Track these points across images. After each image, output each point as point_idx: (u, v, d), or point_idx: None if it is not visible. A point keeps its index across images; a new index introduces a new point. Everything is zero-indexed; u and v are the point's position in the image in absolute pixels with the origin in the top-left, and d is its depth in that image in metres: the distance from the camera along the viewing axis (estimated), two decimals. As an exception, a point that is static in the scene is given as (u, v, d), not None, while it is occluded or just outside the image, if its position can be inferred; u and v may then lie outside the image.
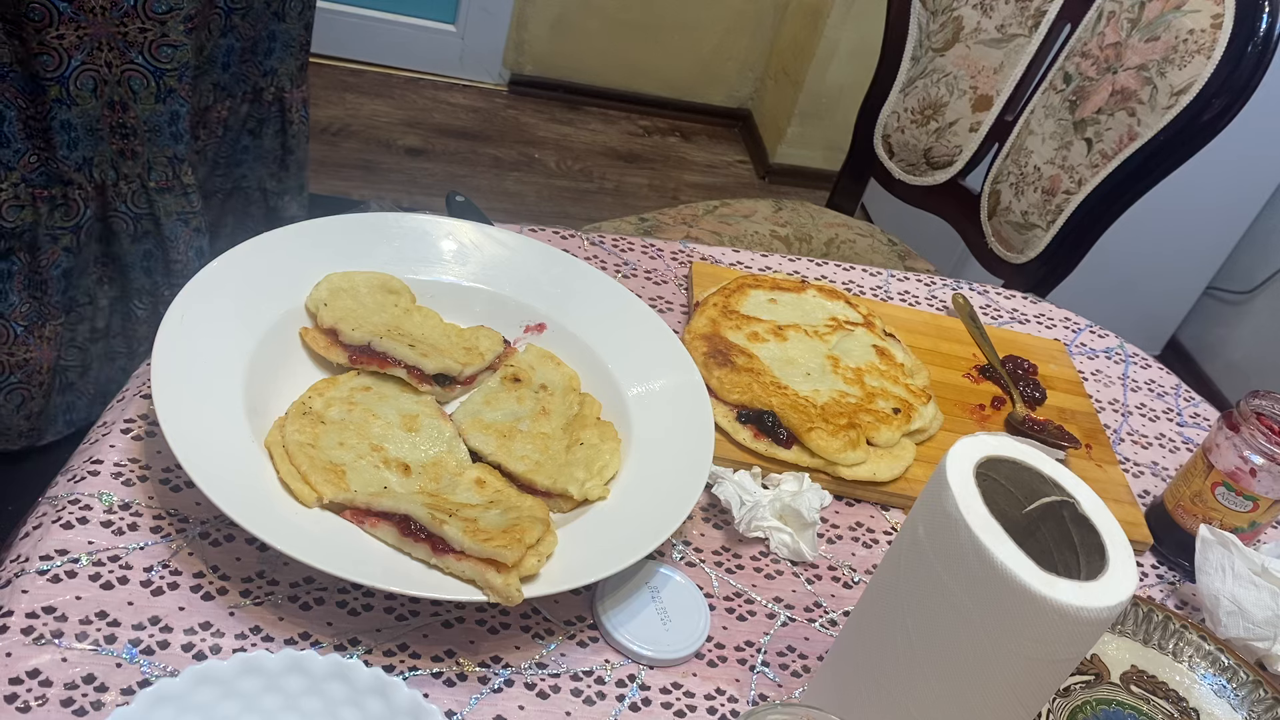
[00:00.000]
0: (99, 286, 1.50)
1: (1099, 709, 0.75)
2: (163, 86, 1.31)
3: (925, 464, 0.90)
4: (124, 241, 1.46)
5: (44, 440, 1.56)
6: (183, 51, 1.29)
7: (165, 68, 1.28)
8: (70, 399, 1.56)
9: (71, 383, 1.55)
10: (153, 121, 1.34)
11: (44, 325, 1.44)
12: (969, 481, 0.57)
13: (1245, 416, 0.85)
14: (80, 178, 1.36)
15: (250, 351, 0.76)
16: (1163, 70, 1.28)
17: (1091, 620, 0.53)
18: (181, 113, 1.36)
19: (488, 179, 2.69)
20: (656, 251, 1.09)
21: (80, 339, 1.52)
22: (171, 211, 1.45)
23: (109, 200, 1.41)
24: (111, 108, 1.30)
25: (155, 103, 1.32)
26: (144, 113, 1.33)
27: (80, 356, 1.53)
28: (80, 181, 1.36)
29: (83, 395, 1.57)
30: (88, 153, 1.34)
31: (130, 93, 1.29)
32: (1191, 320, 2.74)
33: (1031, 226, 1.44)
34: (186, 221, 1.48)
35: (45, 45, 1.22)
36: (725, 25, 3.03)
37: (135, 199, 1.42)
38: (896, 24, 1.55)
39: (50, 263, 1.39)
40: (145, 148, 1.36)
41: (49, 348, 1.46)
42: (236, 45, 1.49)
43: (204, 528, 0.68)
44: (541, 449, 0.78)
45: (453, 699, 0.64)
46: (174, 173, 1.42)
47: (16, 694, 0.57)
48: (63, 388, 1.54)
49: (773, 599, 0.77)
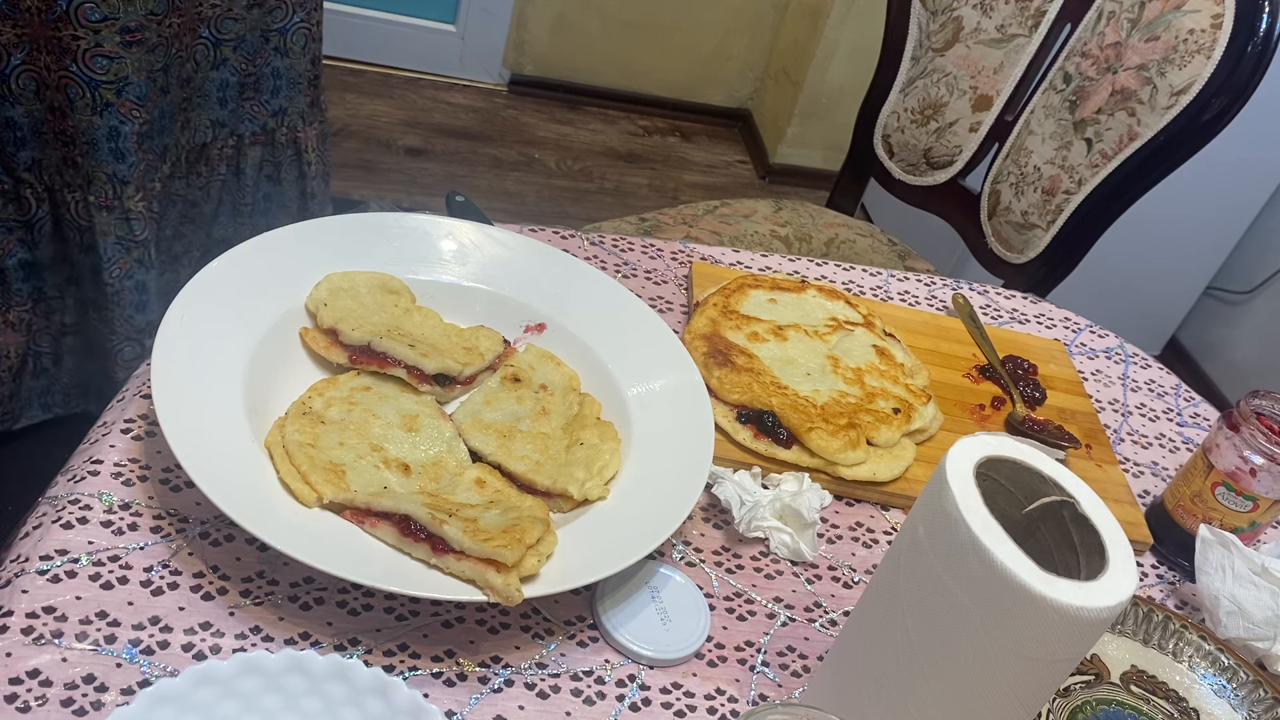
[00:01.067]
0: (66, 286, 1.48)
1: (1099, 709, 0.75)
2: (98, 99, 1.26)
3: (925, 464, 0.90)
4: (73, 250, 1.42)
5: (18, 424, 1.55)
6: (120, 65, 1.24)
7: (100, 79, 1.24)
8: (45, 383, 1.55)
9: (45, 368, 1.54)
10: (90, 134, 1.30)
11: (7, 311, 1.42)
12: (969, 481, 0.57)
13: (1245, 416, 0.85)
14: (30, 177, 1.33)
15: (250, 351, 0.76)
16: (1163, 70, 1.28)
17: (1091, 620, 0.53)
18: (124, 130, 1.31)
19: (488, 179, 2.69)
20: (656, 251, 1.09)
21: (53, 328, 1.51)
22: (108, 233, 1.40)
23: (58, 205, 1.38)
24: (53, 113, 1.27)
25: (91, 114, 1.28)
26: (80, 123, 1.28)
27: (53, 345, 1.52)
28: (31, 181, 1.34)
29: (57, 382, 1.57)
30: (35, 153, 1.31)
31: (67, 100, 1.25)
32: (1191, 320, 2.74)
33: (1031, 226, 1.44)
34: (126, 250, 1.42)
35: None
36: (725, 25, 3.03)
37: (79, 209, 1.38)
38: (896, 24, 1.55)
39: (5, 252, 1.37)
40: (84, 159, 1.32)
41: (15, 333, 1.45)
42: (232, 80, 1.46)
43: (204, 528, 0.68)
44: (541, 449, 0.78)
45: (453, 699, 0.64)
46: (114, 192, 1.36)
47: (16, 694, 0.57)
48: (36, 372, 1.53)
49: (773, 599, 0.77)
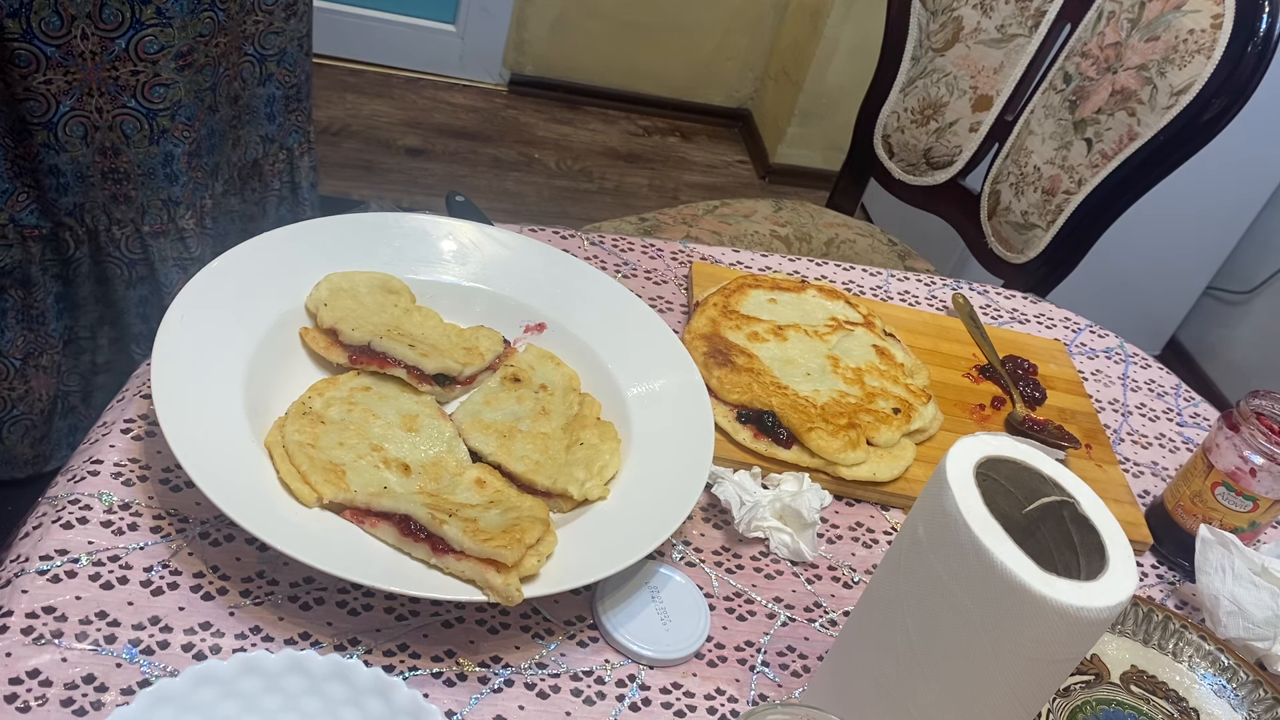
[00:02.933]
0: (99, 326, 1.47)
1: (1099, 709, 0.75)
2: (155, 128, 1.26)
3: (925, 464, 0.90)
4: (119, 287, 1.42)
5: (49, 466, 1.54)
6: (175, 90, 1.24)
7: (158, 108, 1.24)
8: (73, 422, 1.55)
9: (73, 407, 1.54)
10: (146, 165, 1.30)
11: (40, 355, 1.42)
12: (969, 481, 0.57)
13: (1245, 416, 0.85)
14: (71, 221, 1.32)
15: (250, 351, 0.76)
16: (1163, 70, 1.28)
17: (1091, 620, 0.53)
18: (176, 153, 1.31)
19: (488, 179, 2.69)
20: (656, 251, 1.09)
21: (83, 368, 1.50)
22: (167, 257, 1.40)
23: (102, 245, 1.37)
24: (103, 154, 1.26)
25: (149, 145, 1.28)
26: (137, 156, 1.28)
27: (82, 384, 1.52)
28: (71, 225, 1.33)
29: (84, 419, 1.56)
30: (78, 198, 1.30)
31: (123, 137, 1.25)
32: (1191, 320, 2.74)
33: (1031, 226, 1.44)
34: (184, 268, 1.43)
35: (31, 90, 1.19)
36: (725, 25, 3.03)
37: (129, 244, 1.38)
38: (896, 24, 1.55)
39: (45, 294, 1.37)
40: (139, 192, 1.31)
41: (46, 376, 1.45)
42: (278, 94, 1.43)
43: (204, 528, 0.68)
44: (541, 449, 0.78)
45: (453, 699, 0.64)
46: (169, 216, 1.37)
47: (16, 694, 0.57)
48: (65, 411, 1.53)
49: (773, 599, 0.77)
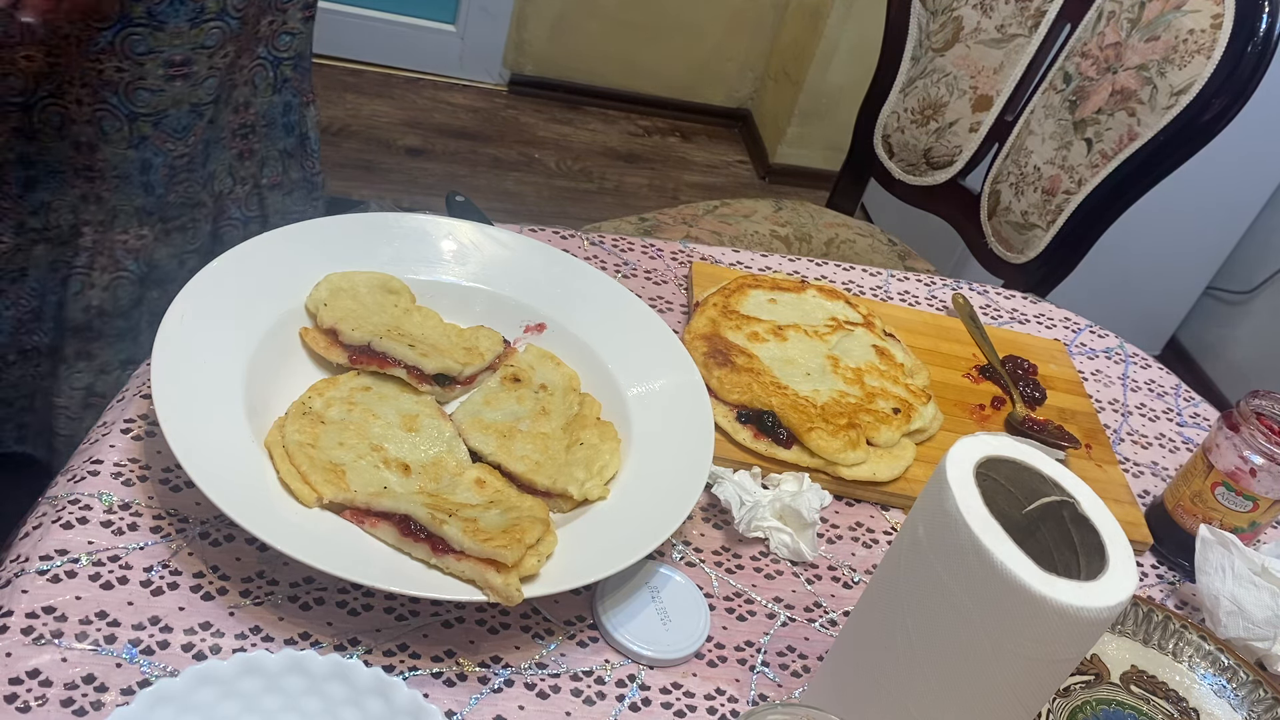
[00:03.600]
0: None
1: (1099, 709, 0.75)
2: (135, 131, 1.20)
3: (925, 464, 0.90)
4: None
5: None
6: (161, 97, 1.19)
7: (140, 111, 1.19)
8: None
9: None
10: (122, 168, 1.23)
11: None
12: (969, 481, 0.57)
13: (1245, 416, 0.85)
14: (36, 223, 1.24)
15: (250, 351, 0.76)
16: (1163, 70, 1.28)
17: (1091, 620, 0.53)
18: (156, 163, 1.25)
19: (488, 179, 2.69)
20: (656, 251, 1.09)
21: None
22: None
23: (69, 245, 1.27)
24: (78, 149, 1.20)
25: (126, 148, 1.21)
26: (113, 157, 1.22)
27: None
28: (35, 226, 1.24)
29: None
30: (47, 196, 1.23)
31: (100, 134, 1.18)
32: (1191, 320, 2.74)
33: (1031, 226, 1.44)
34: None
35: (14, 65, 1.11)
36: (725, 25, 3.03)
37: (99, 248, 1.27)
38: (896, 24, 1.55)
39: None
40: (111, 194, 1.24)
41: None
42: (295, 101, 1.36)
43: (204, 528, 0.68)
44: (541, 449, 0.78)
45: (453, 699, 0.64)
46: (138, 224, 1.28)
47: (16, 694, 0.57)
48: None
49: (773, 599, 0.77)
